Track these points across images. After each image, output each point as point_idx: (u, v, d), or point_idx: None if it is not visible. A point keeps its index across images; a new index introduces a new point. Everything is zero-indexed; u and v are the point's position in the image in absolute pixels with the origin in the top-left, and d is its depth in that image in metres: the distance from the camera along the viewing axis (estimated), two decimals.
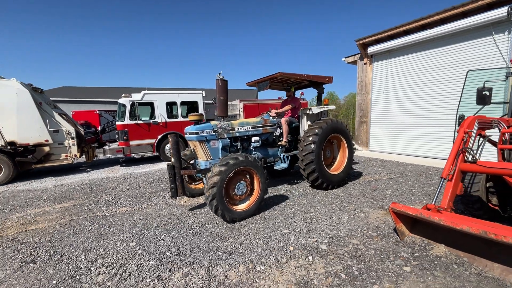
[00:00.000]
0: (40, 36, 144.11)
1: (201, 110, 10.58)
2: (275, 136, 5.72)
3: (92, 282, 2.60)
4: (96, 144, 11.82)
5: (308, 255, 2.92)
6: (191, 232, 3.64)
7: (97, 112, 15.40)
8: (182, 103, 10.35)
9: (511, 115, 3.92)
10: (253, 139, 5.11)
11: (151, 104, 9.78)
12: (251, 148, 5.21)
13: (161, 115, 9.86)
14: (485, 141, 3.62)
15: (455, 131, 3.43)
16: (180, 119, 10.22)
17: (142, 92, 9.60)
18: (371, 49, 10.54)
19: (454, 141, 3.23)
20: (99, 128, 14.92)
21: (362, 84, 11.50)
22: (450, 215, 2.76)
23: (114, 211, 4.70)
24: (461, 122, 3.39)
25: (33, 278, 2.73)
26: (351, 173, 6.83)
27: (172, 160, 4.17)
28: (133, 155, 9.63)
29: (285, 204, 4.64)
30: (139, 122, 9.48)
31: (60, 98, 22.36)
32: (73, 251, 3.25)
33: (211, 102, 11.76)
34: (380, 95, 10.76)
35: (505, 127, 3.50)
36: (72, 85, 31.27)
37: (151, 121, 9.71)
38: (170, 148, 4.19)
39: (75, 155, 8.59)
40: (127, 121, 9.28)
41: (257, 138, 5.13)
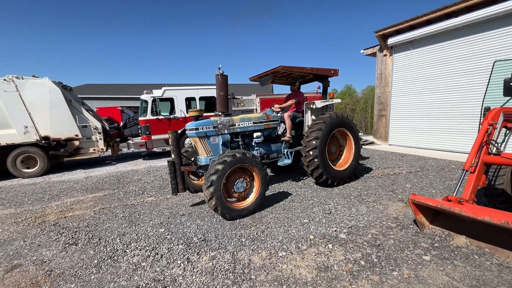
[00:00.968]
0: (64, 37, 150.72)
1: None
2: (283, 131, 5.58)
3: (129, 262, 2.86)
4: (119, 139, 12.40)
5: (328, 243, 3.03)
6: (215, 220, 3.85)
7: (119, 108, 16.09)
8: (201, 98, 10.61)
9: None
10: (255, 135, 5.00)
11: (171, 100, 10.12)
12: (253, 144, 5.09)
13: (181, 110, 10.18)
14: (511, 134, 3.54)
15: (480, 124, 3.38)
16: None
17: (163, 88, 9.96)
18: (391, 40, 10.27)
19: (478, 133, 3.20)
20: (121, 124, 15.62)
21: (382, 77, 11.25)
22: (472, 206, 2.76)
23: (142, 201, 5.02)
24: (486, 114, 3.34)
25: (77, 258, 3.03)
26: (369, 167, 6.81)
27: (172, 157, 4.17)
28: (155, 149, 10.07)
29: (304, 196, 4.75)
30: (160, 117, 9.86)
31: (85, 95, 23.47)
32: (109, 235, 3.56)
33: (229, 97, 11.96)
34: (400, 88, 10.50)
35: None
36: (96, 83, 32.65)
37: (171, 116, 10.06)
38: (170, 145, 4.21)
39: (102, 149, 9.11)
40: (149, 117, 9.68)
41: (259, 134, 5.02)
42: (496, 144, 3.11)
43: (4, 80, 7.63)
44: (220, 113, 4.84)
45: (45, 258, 3.06)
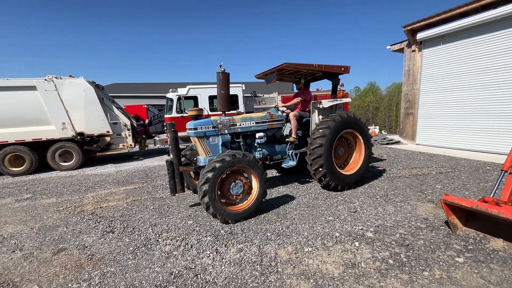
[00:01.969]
0: (96, 36, 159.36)
1: (241, 103, 10.92)
2: (289, 132, 5.36)
3: (162, 251, 3.04)
4: (144, 136, 12.95)
5: (354, 241, 3.02)
6: None
7: (145, 106, 16.76)
8: None
9: None
10: (257, 135, 4.79)
11: (195, 98, 10.39)
12: (256, 145, 4.88)
13: (204, 108, 10.41)
14: None
15: None
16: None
17: (187, 87, 10.26)
18: (421, 35, 9.82)
19: None
20: (147, 121, 16.28)
21: (409, 73, 10.80)
22: (511, 208, 2.63)
23: (169, 194, 5.25)
24: None
25: (114, 245, 3.27)
26: (395, 167, 6.61)
27: (171, 156, 4.10)
28: (180, 146, 10.39)
29: (328, 194, 4.73)
30: (185, 115, 10.16)
31: (113, 94, 24.71)
32: (142, 225, 3.78)
33: (251, 95, 12.07)
34: (430, 85, 10.03)
35: None
36: (123, 82, 34.27)
37: None
38: (169, 144, 4.11)
39: (131, 145, 9.60)
40: (174, 114, 10.02)
41: (262, 134, 4.80)
42: None
43: (45, 80, 8.25)
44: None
45: (86, 244, 3.32)
